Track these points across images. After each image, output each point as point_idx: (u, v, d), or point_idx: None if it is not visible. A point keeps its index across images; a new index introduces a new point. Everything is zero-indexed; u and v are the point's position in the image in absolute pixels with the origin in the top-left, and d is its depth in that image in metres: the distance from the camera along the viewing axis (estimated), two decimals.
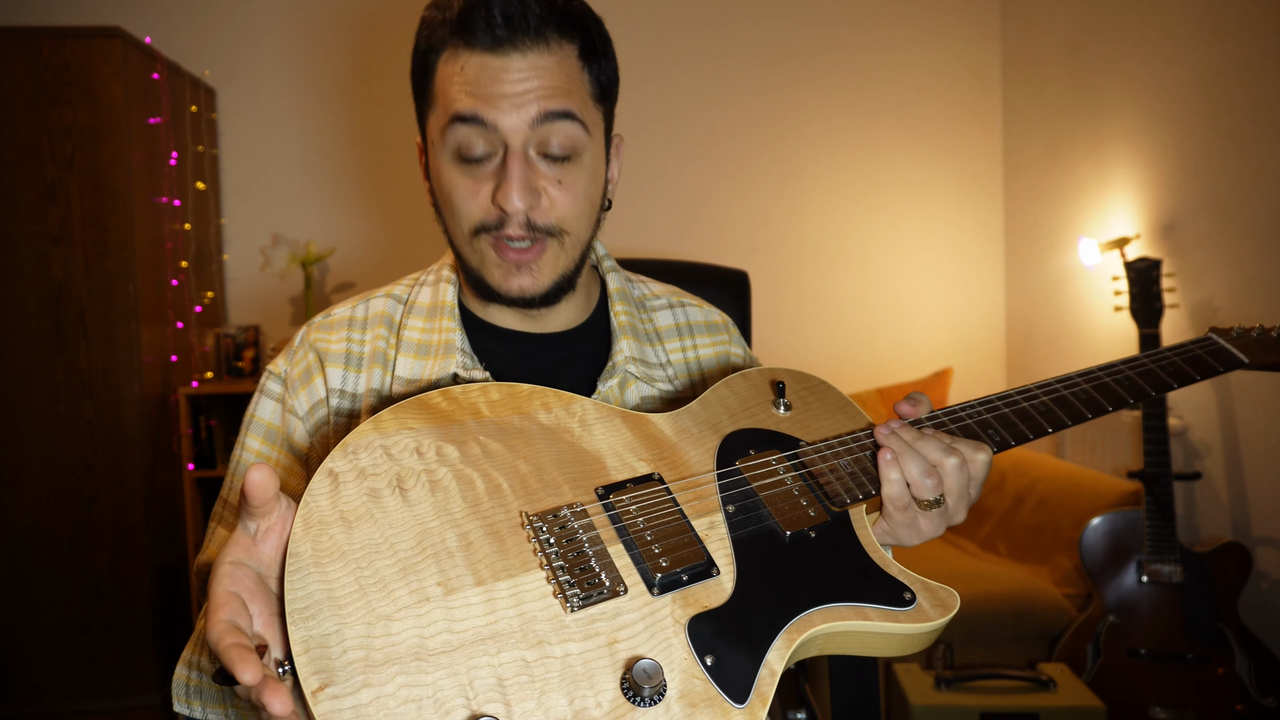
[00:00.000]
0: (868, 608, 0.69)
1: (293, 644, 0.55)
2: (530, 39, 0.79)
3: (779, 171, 3.44)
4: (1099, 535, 2.16)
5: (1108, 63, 2.85)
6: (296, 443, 0.90)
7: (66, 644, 2.63)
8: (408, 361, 0.91)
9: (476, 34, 0.79)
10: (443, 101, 0.83)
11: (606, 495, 0.71)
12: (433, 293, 0.95)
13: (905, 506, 0.74)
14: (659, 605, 0.64)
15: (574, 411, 0.77)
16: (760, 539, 0.71)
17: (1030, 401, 0.87)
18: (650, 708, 0.58)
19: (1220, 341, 0.98)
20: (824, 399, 0.87)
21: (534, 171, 0.82)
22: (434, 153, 0.86)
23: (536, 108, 0.80)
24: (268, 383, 0.93)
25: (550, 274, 0.86)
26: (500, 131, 0.80)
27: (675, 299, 1.07)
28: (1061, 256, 3.13)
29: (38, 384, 2.61)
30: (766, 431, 0.82)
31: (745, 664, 0.62)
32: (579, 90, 0.83)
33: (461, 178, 0.84)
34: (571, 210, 0.85)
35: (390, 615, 0.58)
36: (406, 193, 3.31)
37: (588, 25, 0.84)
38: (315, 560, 0.59)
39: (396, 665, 0.55)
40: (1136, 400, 0.89)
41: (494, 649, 0.58)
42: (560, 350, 0.96)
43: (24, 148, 2.58)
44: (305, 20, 3.26)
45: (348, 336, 0.93)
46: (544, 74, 0.80)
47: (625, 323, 0.97)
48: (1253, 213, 2.26)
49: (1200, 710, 2.00)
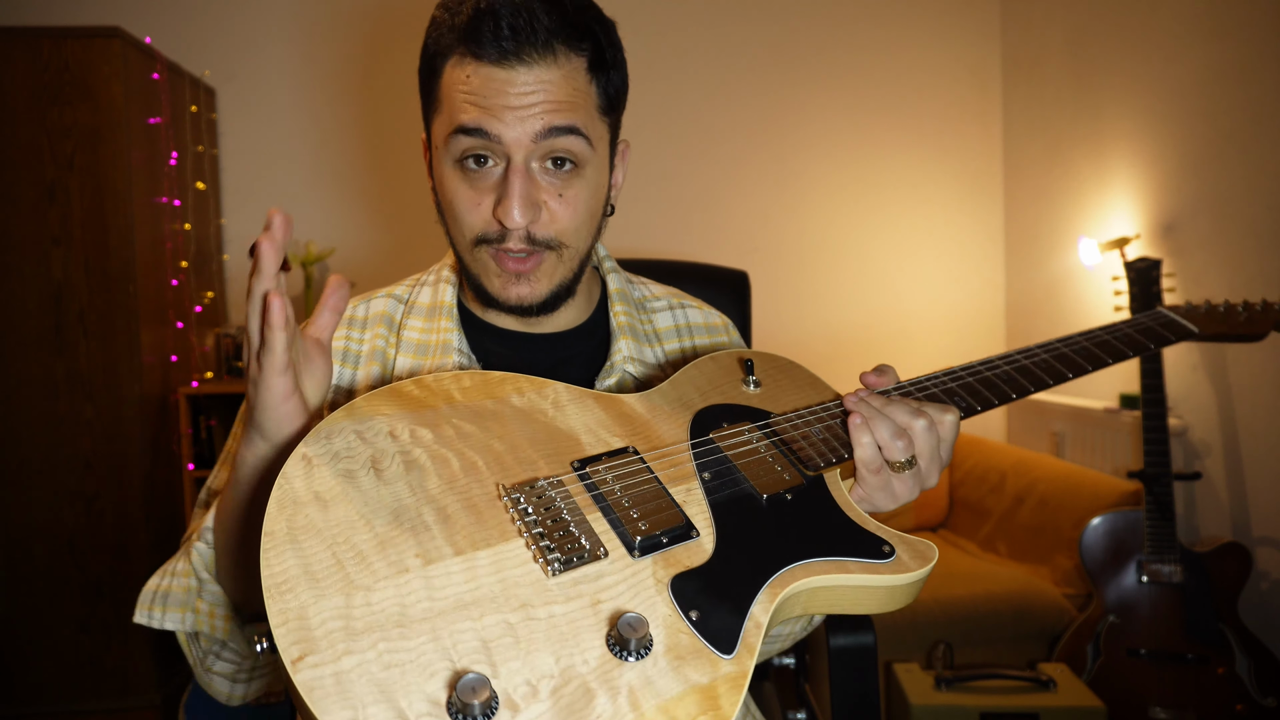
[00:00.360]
0: (848, 561, 0.69)
1: (270, 617, 0.55)
2: (538, 52, 0.79)
3: (779, 171, 3.45)
4: (1099, 535, 2.16)
5: (1108, 63, 2.85)
6: None
7: (66, 644, 2.63)
8: (407, 361, 0.92)
9: (483, 45, 0.78)
10: (447, 108, 0.83)
11: (582, 467, 0.72)
12: (432, 293, 0.96)
13: (878, 469, 0.76)
14: (640, 567, 0.65)
15: (546, 394, 0.78)
16: (738, 502, 0.72)
17: (993, 371, 0.91)
18: (638, 661, 0.58)
19: (1170, 314, 1.05)
20: (792, 376, 0.90)
21: (535, 185, 0.82)
22: (437, 156, 0.86)
23: (540, 122, 0.80)
24: None
25: (548, 284, 0.87)
26: (503, 144, 0.80)
27: (675, 300, 1.07)
28: (1061, 256, 3.13)
29: (38, 384, 2.61)
30: (738, 406, 0.84)
31: (730, 618, 0.63)
32: (585, 104, 0.83)
33: (464, 187, 0.84)
34: (571, 224, 0.85)
35: (369, 587, 0.58)
36: (407, 193, 3.31)
37: (598, 35, 0.83)
38: (290, 537, 0.60)
39: (378, 632, 0.56)
40: (1094, 368, 0.94)
41: (476, 613, 0.59)
42: (559, 350, 0.96)
43: (24, 148, 2.58)
44: (305, 20, 3.26)
45: (346, 335, 0.94)
46: (550, 88, 0.80)
47: (624, 323, 0.98)
48: (1253, 213, 2.26)
49: (1200, 710, 2.00)
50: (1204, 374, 2.43)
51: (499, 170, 0.82)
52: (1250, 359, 2.28)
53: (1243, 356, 2.31)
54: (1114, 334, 0.99)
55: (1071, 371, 0.92)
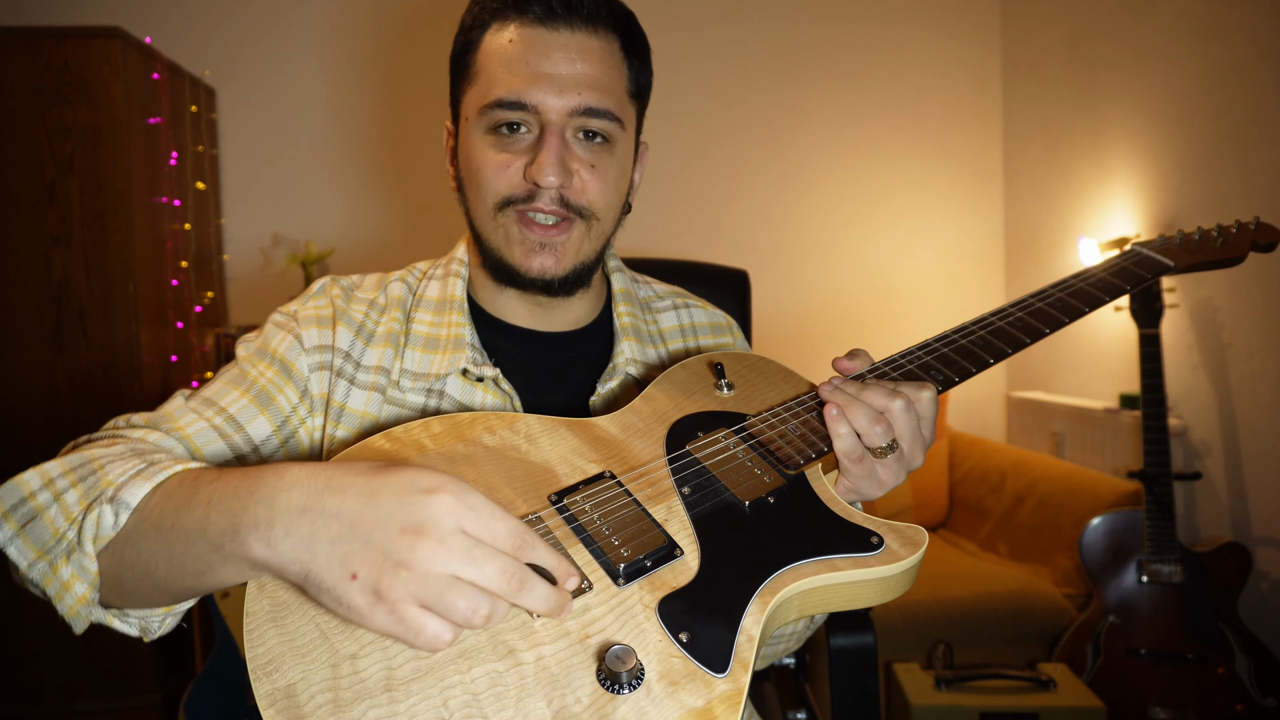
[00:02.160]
0: (836, 559, 0.68)
1: (258, 699, 0.55)
2: (582, 20, 0.82)
3: (779, 171, 3.44)
4: (1099, 535, 2.16)
5: (1108, 63, 2.85)
6: (295, 367, 0.88)
7: (66, 644, 2.63)
8: (415, 355, 0.90)
9: (533, 3, 0.81)
10: (485, 79, 0.84)
11: (560, 499, 0.71)
12: (441, 286, 0.95)
13: (860, 458, 0.74)
14: (627, 594, 0.64)
15: (518, 429, 0.77)
16: (720, 514, 0.71)
17: (968, 338, 0.87)
18: (631, 693, 0.57)
19: (1144, 251, 1.00)
20: (764, 373, 0.88)
21: (569, 151, 0.83)
22: (466, 129, 0.86)
23: (578, 94, 0.82)
24: (272, 316, 0.93)
25: (573, 258, 0.86)
26: (541, 111, 0.81)
27: (680, 300, 1.07)
28: (1061, 256, 3.13)
29: (38, 384, 2.61)
30: (712, 413, 0.82)
31: (721, 634, 0.62)
32: (619, 83, 0.85)
33: (494, 152, 0.84)
34: (602, 196, 0.85)
35: (355, 654, 0.57)
36: (407, 193, 3.31)
37: (632, 27, 0.87)
38: (272, 616, 0.60)
39: (366, 701, 0.55)
40: (1071, 319, 0.89)
41: (465, 666, 0.58)
42: (568, 350, 0.96)
43: (24, 148, 2.57)
44: (306, 20, 3.26)
45: (366, 313, 0.93)
46: (590, 58, 0.82)
47: (628, 324, 0.97)
48: (1253, 213, 2.27)
49: (1200, 710, 2.00)
50: (1204, 374, 2.43)
51: (531, 136, 0.83)
52: (1250, 359, 2.29)
53: (1243, 356, 2.31)
54: (1088, 281, 0.94)
55: (1049, 326, 0.88)
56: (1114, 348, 2.82)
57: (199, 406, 0.84)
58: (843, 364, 0.81)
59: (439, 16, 3.22)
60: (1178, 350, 2.51)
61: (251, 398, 0.85)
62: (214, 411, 0.84)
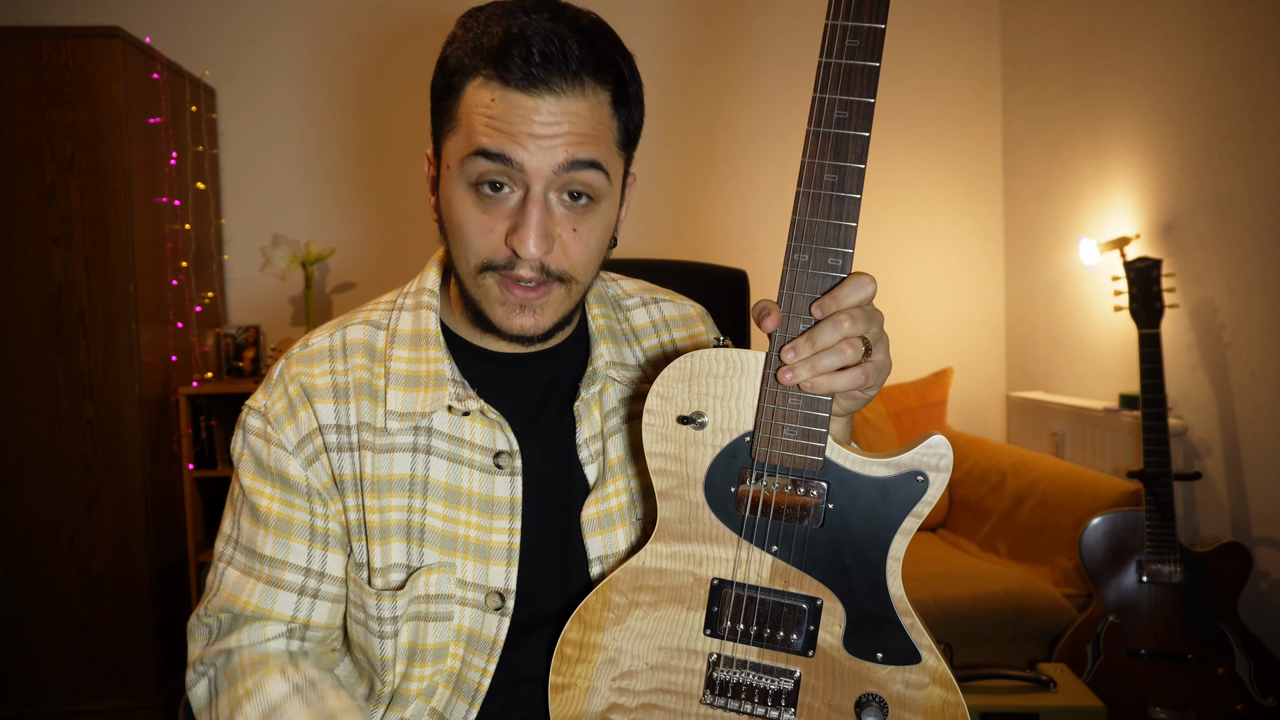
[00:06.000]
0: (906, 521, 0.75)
1: None
2: (566, 82, 0.77)
3: (779, 171, 3.44)
4: (1099, 535, 2.16)
5: (1108, 63, 2.85)
6: (291, 475, 0.88)
7: (66, 644, 2.63)
8: (398, 395, 0.88)
9: (512, 70, 0.76)
10: (466, 130, 0.80)
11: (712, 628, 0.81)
12: (413, 319, 0.92)
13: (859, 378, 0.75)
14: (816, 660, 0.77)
15: None
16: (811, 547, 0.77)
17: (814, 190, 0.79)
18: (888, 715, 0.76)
19: None
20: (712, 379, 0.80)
21: (551, 217, 0.81)
22: (448, 176, 0.83)
23: (564, 154, 0.78)
24: (247, 418, 0.90)
25: (552, 316, 0.85)
26: (524, 172, 0.78)
27: (648, 295, 1.05)
28: (1061, 256, 3.13)
29: (38, 384, 2.61)
30: (716, 459, 0.79)
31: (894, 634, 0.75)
32: (607, 138, 0.82)
33: (476, 211, 0.81)
34: (583, 259, 0.84)
35: None
36: (407, 193, 3.31)
37: (622, 69, 0.82)
38: None
39: None
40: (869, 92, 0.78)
41: None
42: (551, 364, 0.95)
43: (24, 148, 2.57)
44: (306, 20, 3.26)
45: (331, 369, 0.90)
46: (575, 119, 0.78)
47: (603, 326, 0.97)
48: (1253, 213, 2.26)
49: (1200, 710, 2.00)
50: (1204, 374, 2.43)
51: (515, 198, 0.80)
52: (1250, 359, 2.29)
53: (1243, 356, 2.31)
54: None
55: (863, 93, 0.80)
56: (1114, 348, 2.82)
57: (248, 564, 0.88)
58: (766, 324, 0.80)
59: (440, 17, 3.22)
60: (1178, 350, 2.51)
61: (276, 530, 0.87)
62: (261, 563, 0.88)
